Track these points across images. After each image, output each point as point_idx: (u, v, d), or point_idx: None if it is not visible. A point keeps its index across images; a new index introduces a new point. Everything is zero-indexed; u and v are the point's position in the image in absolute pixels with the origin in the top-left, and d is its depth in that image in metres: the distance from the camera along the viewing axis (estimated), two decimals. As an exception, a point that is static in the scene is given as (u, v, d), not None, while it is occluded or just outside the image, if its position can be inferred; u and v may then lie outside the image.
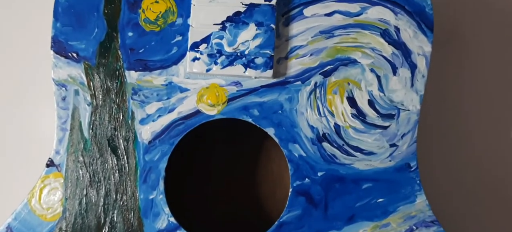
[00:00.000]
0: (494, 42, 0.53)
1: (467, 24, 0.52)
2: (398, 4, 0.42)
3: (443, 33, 0.51)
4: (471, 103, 0.54)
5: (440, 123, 0.54)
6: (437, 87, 0.52)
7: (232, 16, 0.42)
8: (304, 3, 0.43)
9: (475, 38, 0.53)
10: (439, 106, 0.54)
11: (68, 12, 0.44)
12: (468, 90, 0.54)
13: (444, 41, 0.51)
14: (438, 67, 0.51)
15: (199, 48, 0.43)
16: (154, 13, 0.44)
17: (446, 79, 0.53)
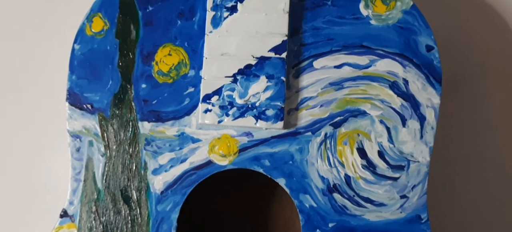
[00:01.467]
0: (501, 90, 0.53)
1: (474, 71, 0.53)
2: (406, 57, 0.43)
3: (450, 82, 0.52)
4: (480, 154, 0.54)
5: (449, 174, 0.54)
6: (446, 136, 0.53)
7: (243, 69, 0.43)
8: (313, 55, 0.44)
9: (483, 85, 0.53)
10: (448, 156, 0.54)
11: (84, 65, 0.45)
12: (475, 141, 0.54)
13: (451, 89, 0.52)
14: (446, 116, 0.52)
15: (211, 99, 0.44)
16: (167, 65, 0.45)
17: (454, 128, 0.54)
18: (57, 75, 0.51)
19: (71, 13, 0.52)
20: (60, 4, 0.58)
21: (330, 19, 0.44)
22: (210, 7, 0.44)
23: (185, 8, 0.45)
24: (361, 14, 0.43)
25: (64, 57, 0.46)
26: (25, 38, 0.59)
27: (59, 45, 0.57)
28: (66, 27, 0.52)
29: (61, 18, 0.57)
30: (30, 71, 0.59)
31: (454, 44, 0.53)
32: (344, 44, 0.43)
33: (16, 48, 0.59)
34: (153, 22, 0.45)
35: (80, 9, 0.48)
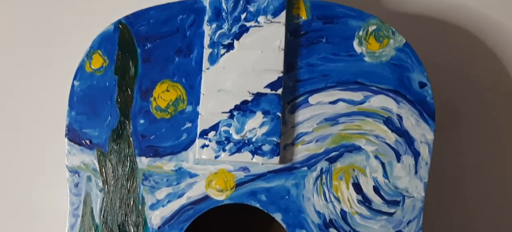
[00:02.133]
0: (495, 126, 0.54)
1: (468, 108, 0.54)
2: (400, 93, 0.44)
3: (444, 117, 0.52)
4: (475, 187, 0.55)
5: (444, 209, 0.55)
6: (440, 171, 0.53)
7: (240, 105, 0.44)
8: (309, 91, 0.44)
9: (476, 122, 0.54)
10: (442, 191, 0.54)
11: (83, 101, 0.46)
12: (470, 176, 0.54)
13: (445, 125, 0.52)
14: (440, 151, 0.52)
15: (208, 135, 0.44)
16: (165, 101, 0.46)
17: (448, 164, 0.54)
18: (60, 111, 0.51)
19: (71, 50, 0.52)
20: (61, 42, 0.59)
21: (324, 56, 0.44)
22: (207, 44, 0.45)
23: (182, 45, 0.46)
24: (355, 51, 0.44)
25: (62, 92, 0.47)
26: (25, 75, 0.60)
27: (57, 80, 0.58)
28: (65, 65, 0.53)
29: (62, 57, 0.59)
30: (27, 107, 0.60)
31: (447, 77, 0.53)
32: (338, 80, 0.44)
33: (15, 81, 0.60)
34: (151, 59, 0.46)
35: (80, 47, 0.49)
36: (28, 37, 0.59)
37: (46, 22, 0.59)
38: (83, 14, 0.58)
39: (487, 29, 0.53)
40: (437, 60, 0.53)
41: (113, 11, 0.50)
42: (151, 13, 0.47)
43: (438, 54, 0.53)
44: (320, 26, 0.45)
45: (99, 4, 0.58)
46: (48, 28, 0.59)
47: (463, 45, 0.53)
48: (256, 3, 0.44)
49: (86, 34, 0.49)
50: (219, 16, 0.45)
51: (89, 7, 0.58)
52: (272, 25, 0.44)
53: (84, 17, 0.58)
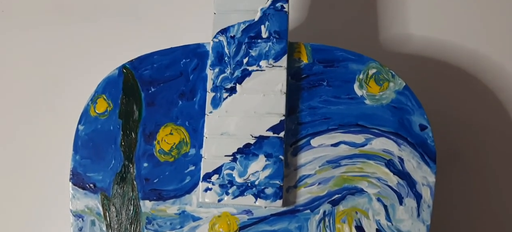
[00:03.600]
0: (497, 167, 0.54)
1: (469, 149, 0.54)
2: (401, 136, 0.44)
3: (446, 159, 0.53)
4: (478, 229, 0.54)
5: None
6: (443, 214, 0.53)
7: (243, 148, 0.44)
8: (311, 134, 0.45)
9: (478, 163, 0.54)
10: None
11: (87, 145, 0.47)
12: (473, 217, 0.54)
13: (447, 167, 0.53)
14: (442, 194, 0.52)
15: (211, 178, 0.44)
16: (168, 144, 0.46)
17: (451, 206, 0.54)
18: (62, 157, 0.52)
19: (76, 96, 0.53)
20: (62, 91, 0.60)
21: (326, 98, 0.45)
22: (210, 88, 0.45)
23: (186, 89, 0.47)
24: (356, 94, 0.45)
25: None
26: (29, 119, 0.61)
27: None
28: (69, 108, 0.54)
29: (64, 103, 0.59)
30: (34, 148, 0.60)
31: (448, 119, 0.54)
32: (340, 123, 0.45)
33: (19, 124, 0.61)
34: (155, 103, 0.47)
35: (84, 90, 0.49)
36: (32, 80, 0.60)
37: (51, 65, 0.60)
38: (87, 57, 0.59)
39: (487, 71, 0.54)
40: (438, 101, 0.53)
41: (117, 55, 0.51)
42: (155, 57, 0.47)
43: (439, 95, 0.54)
44: (321, 69, 0.45)
45: (104, 48, 0.59)
46: (53, 72, 0.60)
47: (463, 86, 0.54)
48: (258, 47, 0.45)
49: (89, 78, 0.50)
50: (222, 60, 0.46)
51: (93, 51, 0.59)
52: (273, 69, 0.45)
53: (88, 61, 0.59)
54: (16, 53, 0.61)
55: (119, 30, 0.59)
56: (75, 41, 0.60)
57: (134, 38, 0.58)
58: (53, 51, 0.60)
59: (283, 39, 0.45)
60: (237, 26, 0.46)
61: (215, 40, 0.46)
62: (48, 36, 0.61)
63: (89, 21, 0.60)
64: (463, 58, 0.55)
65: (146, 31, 0.58)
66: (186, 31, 0.56)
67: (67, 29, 0.60)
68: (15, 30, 0.62)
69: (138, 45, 0.55)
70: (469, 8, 0.55)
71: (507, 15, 0.55)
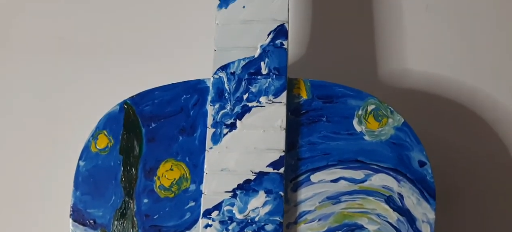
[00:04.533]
0: (497, 202, 0.54)
1: (469, 185, 0.54)
2: (400, 172, 0.44)
3: (445, 195, 0.53)
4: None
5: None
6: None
7: (243, 184, 0.45)
8: (311, 170, 0.45)
9: (478, 199, 0.54)
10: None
11: (88, 181, 0.47)
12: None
13: (447, 203, 0.53)
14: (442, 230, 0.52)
15: (211, 214, 0.44)
16: (168, 180, 0.46)
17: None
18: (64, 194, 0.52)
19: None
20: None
21: (325, 134, 0.45)
22: (210, 124, 0.46)
23: (186, 124, 0.47)
24: (355, 130, 0.45)
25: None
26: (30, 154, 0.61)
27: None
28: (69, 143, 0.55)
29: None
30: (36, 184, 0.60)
31: (447, 154, 0.54)
32: (339, 158, 0.45)
33: (23, 160, 0.61)
34: (156, 138, 0.47)
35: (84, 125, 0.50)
36: (34, 113, 0.61)
37: (52, 100, 0.61)
38: (89, 92, 0.60)
39: (486, 105, 0.55)
40: (436, 136, 0.54)
41: (119, 90, 0.52)
42: (156, 93, 0.48)
43: (437, 130, 0.54)
44: (320, 105, 0.46)
45: (106, 82, 0.60)
46: (54, 106, 0.61)
47: (462, 121, 0.54)
48: (257, 83, 0.46)
49: (91, 112, 0.51)
50: (222, 97, 0.46)
51: (94, 86, 0.60)
52: (273, 105, 0.45)
53: (89, 95, 0.60)
54: (18, 86, 0.62)
55: (121, 65, 0.60)
56: (77, 75, 0.61)
57: (136, 72, 0.59)
58: (54, 85, 0.61)
59: (282, 75, 0.46)
60: (237, 62, 0.46)
61: (216, 76, 0.46)
62: (50, 70, 0.61)
63: (91, 56, 0.61)
64: (461, 93, 0.55)
65: (148, 66, 0.59)
66: (187, 67, 0.57)
67: (69, 63, 0.61)
68: (17, 62, 0.62)
69: (140, 80, 0.56)
70: (466, 43, 0.56)
71: (504, 50, 0.56)
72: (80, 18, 0.62)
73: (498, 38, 0.56)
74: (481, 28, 0.56)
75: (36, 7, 0.63)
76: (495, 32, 0.56)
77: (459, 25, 0.56)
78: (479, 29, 0.56)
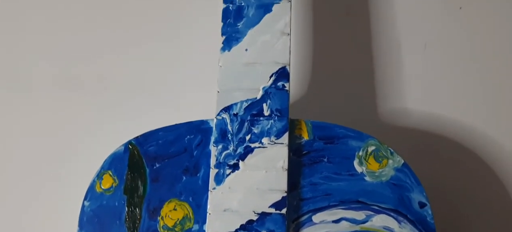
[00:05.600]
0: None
1: (468, 226, 0.55)
2: (401, 213, 0.45)
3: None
4: None
5: None
6: None
7: (245, 225, 0.45)
8: (312, 210, 0.46)
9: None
10: None
11: (92, 221, 0.47)
12: None
13: None
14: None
15: (214, 255, 0.45)
16: (172, 220, 0.47)
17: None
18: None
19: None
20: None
21: (327, 175, 0.46)
22: (213, 165, 0.46)
23: (190, 164, 0.48)
24: (356, 170, 0.46)
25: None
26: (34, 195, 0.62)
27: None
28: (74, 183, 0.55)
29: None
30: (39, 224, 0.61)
31: (447, 195, 0.55)
32: (341, 199, 0.45)
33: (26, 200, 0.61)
34: (159, 179, 0.48)
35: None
36: (38, 152, 0.61)
37: (57, 138, 0.61)
38: (94, 131, 0.61)
39: (485, 145, 0.55)
40: (436, 176, 0.54)
41: (124, 129, 0.53)
42: (160, 133, 0.49)
43: (437, 169, 0.55)
44: (321, 146, 0.47)
45: (111, 121, 0.61)
46: (59, 145, 0.61)
47: (461, 161, 0.55)
48: (260, 125, 0.47)
49: (96, 151, 0.51)
50: (225, 137, 0.47)
51: (100, 125, 0.61)
52: (275, 146, 0.46)
53: (95, 134, 0.61)
54: (23, 124, 0.63)
55: (126, 104, 0.61)
56: (82, 114, 0.61)
57: (141, 112, 0.60)
58: (60, 125, 0.62)
59: (284, 117, 0.47)
60: (240, 104, 0.47)
61: (219, 118, 0.47)
62: (55, 109, 0.62)
63: (96, 95, 0.62)
64: (461, 133, 0.56)
65: (153, 106, 0.60)
66: (191, 107, 0.58)
67: (75, 102, 0.62)
68: (22, 100, 0.63)
69: (145, 119, 0.57)
70: (465, 82, 0.57)
71: (503, 90, 0.57)
72: (87, 57, 0.63)
73: (497, 78, 0.57)
74: (480, 67, 0.57)
75: (39, 44, 0.64)
76: (495, 72, 0.57)
77: (458, 63, 0.58)
78: (478, 68, 0.57)
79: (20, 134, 0.62)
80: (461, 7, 0.59)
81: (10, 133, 0.63)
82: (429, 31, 0.58)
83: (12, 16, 0.65)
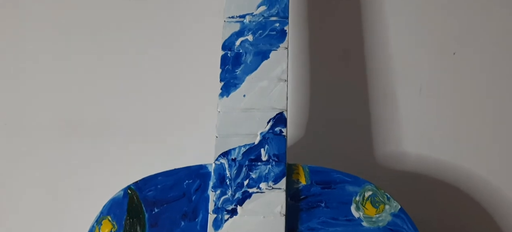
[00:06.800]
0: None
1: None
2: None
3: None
4: None
5: None
6: None
7: (243, 271, 0.45)
8: (310, 255, 0.46)
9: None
10: None
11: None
12: None
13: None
14: None
15: None
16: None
17: None
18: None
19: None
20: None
21: (324, 220, 0.46)
22: (211, 210, 0.47)
23: (188, 209, 0.48)
24: (353, 216, 0.46)
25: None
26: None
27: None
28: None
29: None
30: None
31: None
32: (338, 244, 0.46)
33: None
34: (158, 223, 0.48)
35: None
36: (37, 197, 0.61)
37: (57, 183, 0.62)
38: (94, 175, 0.61)
39: (482, 189, 0.56)
40: (432, 221, 0.55)
41: (123, 173, 0.53)
42: (159, 178, 0.49)
43: (433, 214, 0.55)
44: (319, 191, 0.47)
45: (111, 166, 0.61)
46: (58, 189, 0.61)
47: (458, 205, 0.55)
48: (258, 170, 0.47)
49: (95, 196, 0.52)
50: (223, 182, 0.47)
51: (99, 170, 0.61)
52: (273, 191, 0.47)
53: (94, 179, 0.61)
54: (22, 168, 0.63)
55: (126, 149, 0.61)
56: (82, 159, 0.62)
57: (140, 156, 0.60)
58: (59, 169, 0.62)
59: (282, 162, 0.47)
60: (238, 149, 0.48)
61: (217, 163, 0.48)
62: (55, 153, 0.62)
63: (95, 140, 0.62)
64: (457, 176, 0.56)
65: (152, 150, 0.61)
66: (190, 151, 0.58)
67: (73, 146, 0.62)
68: (21, 144, 0.63)
69: (144, 164, 0.57)
70: (460, 127, 0.58)
71: (498, 133, 0.57)
72: (85, 102, 0.64)
73: (492, 121, 0.58)
74: (475, 111, 0.58)
75: (37, 90, 0.65)
76: (489, 115, 0.58)
77: (453, 107, 0.59)
78: (473, 112, 0.58)
79: (19, 178, 0.63)
80: (455, 53, 0.60)
81: (10, 176, 0.63)
82: (424, 75, 0.59)
83: (13, 60, 0.66)
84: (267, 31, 0.51)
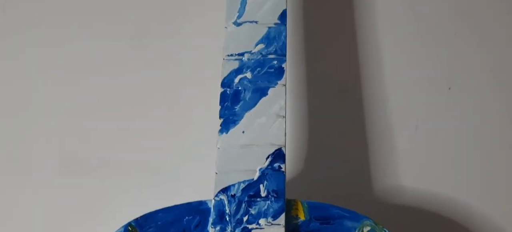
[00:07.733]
0: None
1: None
2: None
3: None
4: None
5: None
6: None
7: None
8: None
9: None
10: None
11: None
12: None
13: None
14: None
15: None
16: None
17: None
18: None
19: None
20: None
21: (324, 256, 0.47)
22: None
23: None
24: (352, 250, 0.46)
25: None
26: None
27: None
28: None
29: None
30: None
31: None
32: (338, 280, 0.46)
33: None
34: (155, 254, 0.48)
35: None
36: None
37: (56, 219, 0.61)
38: (94, 212, 0.61)
39: (481, 224, 0.56)
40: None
41: (124, 209, 0.54)
42: (159, 215, 0.50)
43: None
44: (317, 226, 0.47)
45: (111, 202, 0.61)
46: (58, 226, 0.61)
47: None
48: (257, 206, 0.48)
49: None
50: (223, 219, 0.48)
51: (99, 206, 0.61)
52: (272, 227, 0.47)
53: (94, 215, 0.61)
54: (23, 207, 0.62)
55: (126, 183, 0.62)
56: (80, 195, 0.62)
57: (140, 193, 0.61)
58: (57, 207, 0.62)
59: (280, 198, 0.48)
60: (237, 185, 0.49)
61: (217, 199, 0.48)
62: (54, 189, 0.62)
63: (96, 176, 0.63)
64: (455, 210, 0.57)
65: (152, 187, 0.61)
66: (190, 186, 0.59)
67: (73, 184, 0.62)
68: (19, 181, 0.63)
69: (144, 200, 0.58)
70: (456, 161, 0.59)
71: (495, 167, 0.58)
72: (84, 137, 0.64)
73: (489, 155, 0.58)
74: (472, 145, 0.59)
75: (33, 126, 0.65)
76: (486, 149, 0.59)
77: (449, 142, 0.59)
78: (469, 146, 0.59)
79: (20, 217, 0.62)
80: (450, 88, 0.61)
81: (10, 215, 0.63)
82: (420, 111, 0.60)
83: (13, 98, 0.66)
84: (265, 68, 0.52)
